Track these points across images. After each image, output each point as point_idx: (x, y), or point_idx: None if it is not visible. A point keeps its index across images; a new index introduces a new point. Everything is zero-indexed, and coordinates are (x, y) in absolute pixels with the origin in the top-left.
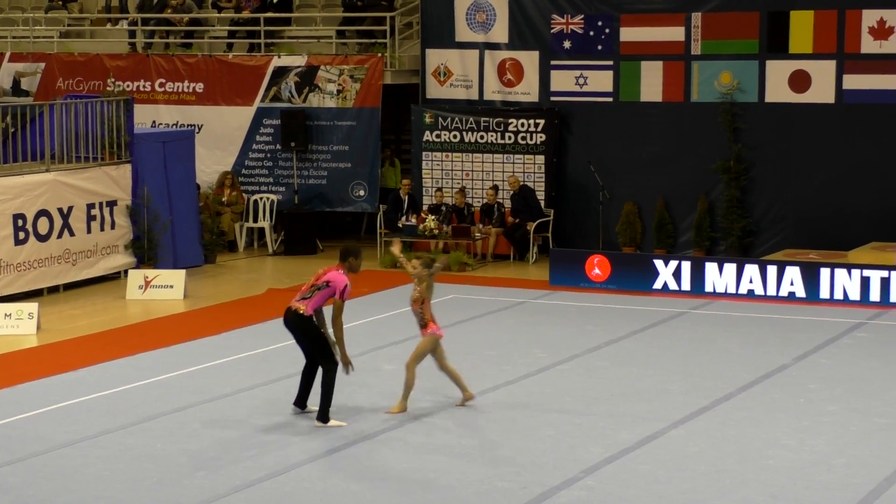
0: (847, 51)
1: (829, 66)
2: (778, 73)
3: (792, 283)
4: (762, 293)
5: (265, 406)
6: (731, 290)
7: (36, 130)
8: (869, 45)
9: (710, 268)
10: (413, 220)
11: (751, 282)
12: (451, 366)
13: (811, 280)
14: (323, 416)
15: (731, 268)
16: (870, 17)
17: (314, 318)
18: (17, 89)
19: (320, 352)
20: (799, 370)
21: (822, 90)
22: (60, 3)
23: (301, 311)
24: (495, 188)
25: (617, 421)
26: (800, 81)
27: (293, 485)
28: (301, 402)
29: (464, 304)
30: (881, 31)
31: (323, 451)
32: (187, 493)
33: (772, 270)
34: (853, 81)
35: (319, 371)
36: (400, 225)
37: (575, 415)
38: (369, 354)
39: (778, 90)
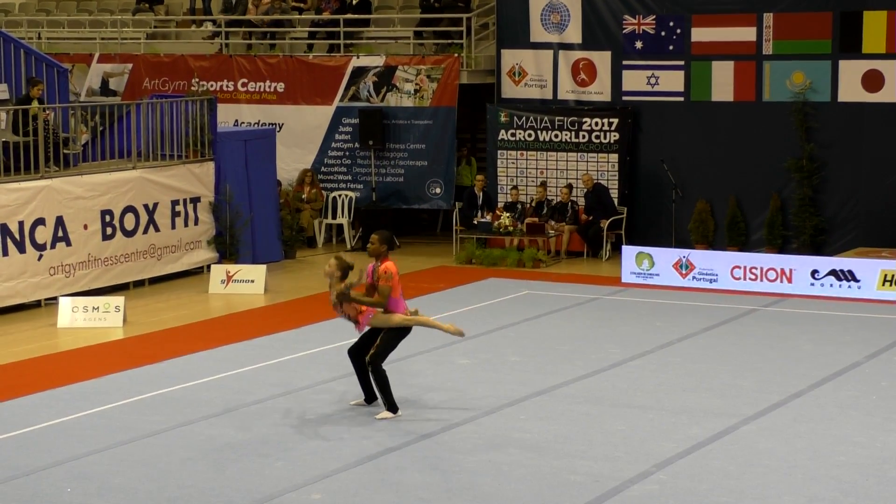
0: None
1: None
2: (851, 72)
3: (862, 282)
4: (833, 291)
5: (342, 399)
6: (803, 287)
7: (123, 129)
8: None
9: (783, 265)
10: (488, 217)
11: (822, 280)
12: None
13: (882, 278)
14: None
15: (803, 265)
16: None
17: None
18: (105, 89)
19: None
20: (871, 367)
21: (895, 89)
22: (147, 5)
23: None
24: (569, 187)
25: (688, 416)
26: (873, 81)
27: (370, 475)
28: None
29: (537, 300)
30: None
31: (398, 444)
32: (267, 482)
33: (843, 268)
34: None
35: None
36: (475, 221)
37: (647, 409)
38: (444, 349)
39: (851, 90)
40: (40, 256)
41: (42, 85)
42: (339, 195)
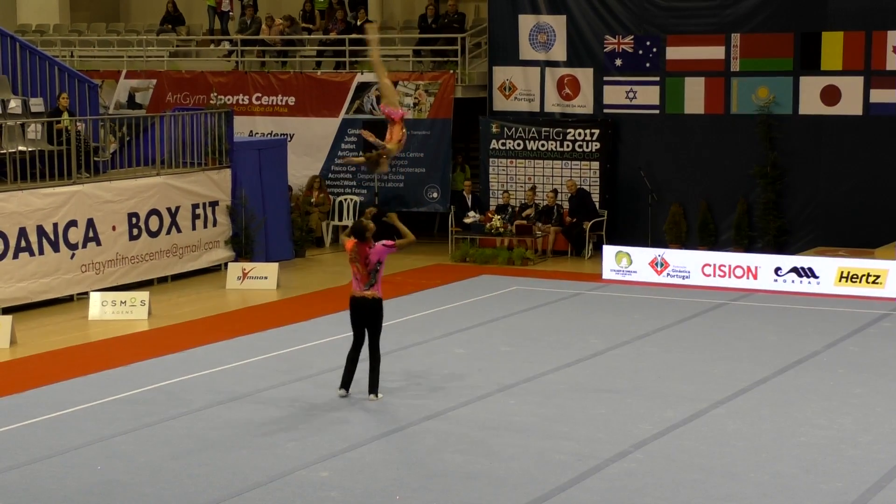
0: (874, 68)
1: (858, 81)
2: (811, 87)
3: (821, 278)
4: (794, 287)
5: None
6: (767, 283)
7: (148, 139)
8: (894, 63)
9: (749, 263)
10: (475, 216)
11: (784, 276)
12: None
13: (839, 275)
14: (376, 389)
15: (767, 263)
16: (894, 37)
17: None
18: (131, 103)
19: (377, 335)
20: (829, 356)
21: (850, 103)
22: (170, 26)
23: (378, 297)
24: (554, 191)
25: (663, 400)
26: (830, 95)
27: (373, 455)
28: (347, 385)
29: (525, 295)
30: None
31: (399, 426)
32: (280, 461)
33: (804, 266)
34: (879, 95)
35: (365, 354)
36: (467, 221)
37: (625, 394)
38: (441, 340)
39: (811, 103)
40: (73, 255)
41: (66, 94)
42: (345, 199)
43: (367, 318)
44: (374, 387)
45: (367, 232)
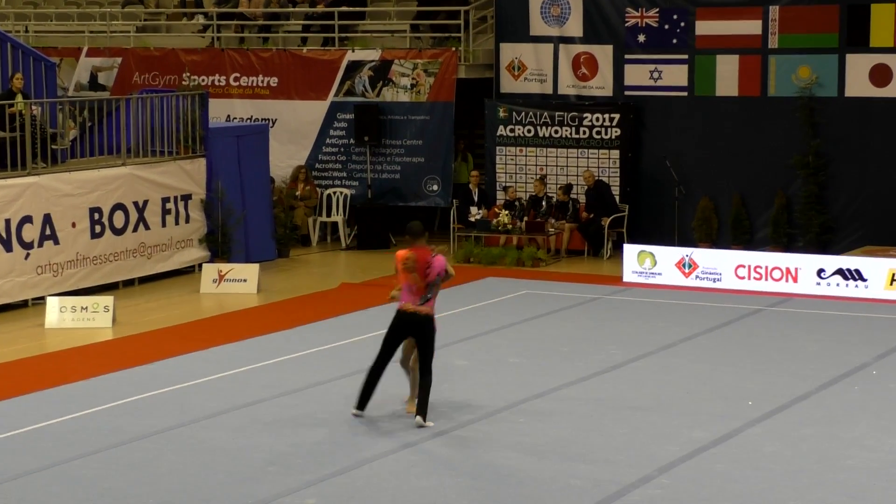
0: None
1: None
2: (858, 67)
3: (869, 281)
4: (840, 291)
5: (338, 401)
6: (809, 287)
7: (112, 125)
8: None
9: (788, 264)
10: (484, 213)
11: (828, 279)
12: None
13: (890, 277)
14: (425, 413)
15: (808, 264)
16: None
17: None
18: (94, 84)
19: (429, 355)
20: (878, 368)
21: None
22: None
23: (431, 314)
24: (569, 186)
25: (692, 419)
26: (881, 75)
27: (365, 480)
28: (364, 404)
29: (537, 300)
30: None
31: (396, 447)
32: (260, 487)
33: (850, 267)
34: None
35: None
36: (472, 219)
37: (649, 412)
38: (442, 350)
39: (858, 84)
40: (27, 255)
41: (20, 74)
42: (334, 192)
43: (416, 335)
44: (422, 409)
45: (425, 233)
